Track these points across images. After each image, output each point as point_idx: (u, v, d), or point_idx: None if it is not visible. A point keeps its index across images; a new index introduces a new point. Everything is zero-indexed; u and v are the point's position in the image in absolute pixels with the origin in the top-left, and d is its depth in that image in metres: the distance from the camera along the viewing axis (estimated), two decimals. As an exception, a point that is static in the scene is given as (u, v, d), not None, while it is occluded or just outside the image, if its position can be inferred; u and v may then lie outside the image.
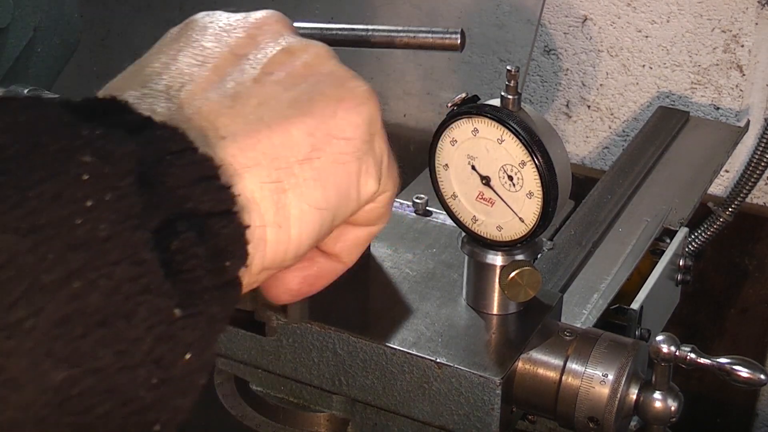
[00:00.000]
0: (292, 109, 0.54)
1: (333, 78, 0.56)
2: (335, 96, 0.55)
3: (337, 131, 0.55)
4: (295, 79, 0.55)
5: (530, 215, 0.85)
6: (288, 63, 0.56)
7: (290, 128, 0.53)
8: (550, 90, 1.62)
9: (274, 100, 0.54)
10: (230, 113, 0.52)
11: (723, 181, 1.56)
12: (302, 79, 0.56)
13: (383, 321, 0.89)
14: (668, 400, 0.84)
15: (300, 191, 0.52)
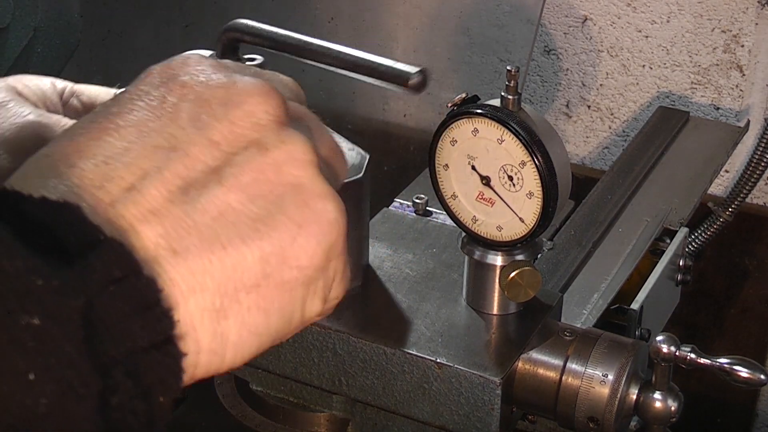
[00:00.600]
0: (251, 230, 0.51)
1: (300, 193, 0.53)
2: (298, 219, 0.52)
3: (292, 259, 0.52)
4: (261, 187, 0.52)
5: (530, 215, 0.85)
6: (258, 163, 0.52)
7: (245, 252, 0.50)
8: (550, 90, 1.62)
9: (234, 214, 0.50)
10: (188, 223, 0.49)
11: (723, 181, 1.56)
12: (268, 189, 0.52)
13: (383, 321, 0.89)
14: (668, 400, 0.84)
15: (242, 318, 0.50)
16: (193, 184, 0.50)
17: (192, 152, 0.51)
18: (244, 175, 0.51)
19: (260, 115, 0.53)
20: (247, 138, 0.52)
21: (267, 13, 1.66)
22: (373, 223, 1.01)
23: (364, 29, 0.96)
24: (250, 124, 0.53)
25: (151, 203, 0.49)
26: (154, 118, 0.52)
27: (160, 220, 0.49)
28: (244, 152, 0.52)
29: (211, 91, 0.53)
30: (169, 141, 0.51)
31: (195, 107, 0.52)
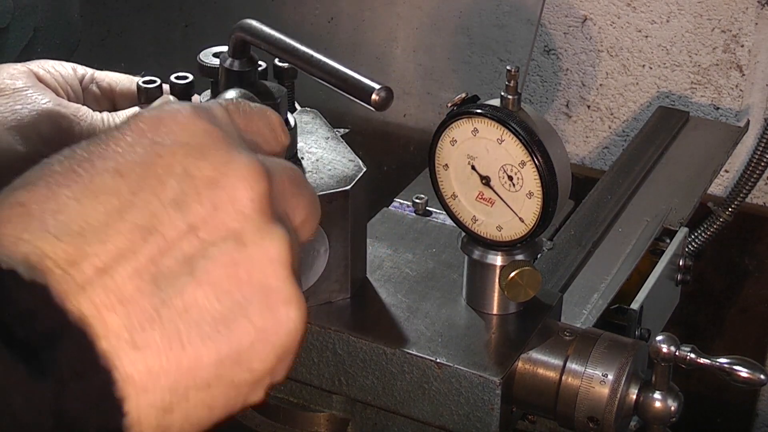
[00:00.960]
0: (212, 330, 0.50)
1: (267, 296, 0.52)
2: (260, 325, 0.52)
3: (246, 363, 0.52)
4: (230, 284, 0.51)
5: (530, 215, 0.85)
6: (233, 258, 0.51)
7: (203, 353, 0.50)
8: (550, 90, 1.62)
9: (199, 311, 0.50)
10: (153, 317, 0.49)
11: (723, 181, 1.56)
12: (237, 287, 0.51)
13: (383, 321, 0.89)
14: (668, 400, 0.84)
15: (186, 414, 0.51)
16: (165, 274, 0.50)
17: (169, 236, 0.50)
18: (217, 270, 0.51)
19: (245, 202, 0.52)
20: (227, 227, 0.52)
21: (268, 13, 1.66)
22: (373, 223, 1.01)
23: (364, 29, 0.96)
24: (233, 211, 0.52)
25: (121, 291, 0.49)
26: (138, 188, 0.51)
27: (126, 311, 0.48)
28: (221, 244, 0.51)
29: (199, 168, 0.52)
30: (150, 221, 0.50)
31: (180, 184, 0.51)
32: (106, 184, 0.50)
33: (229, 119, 0.56)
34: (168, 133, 0.53)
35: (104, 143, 0.52)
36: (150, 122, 0.53)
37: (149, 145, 0.52)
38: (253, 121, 0.58)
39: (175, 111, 0.54)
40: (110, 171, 0.51)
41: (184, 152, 0.52)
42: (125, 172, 0.51)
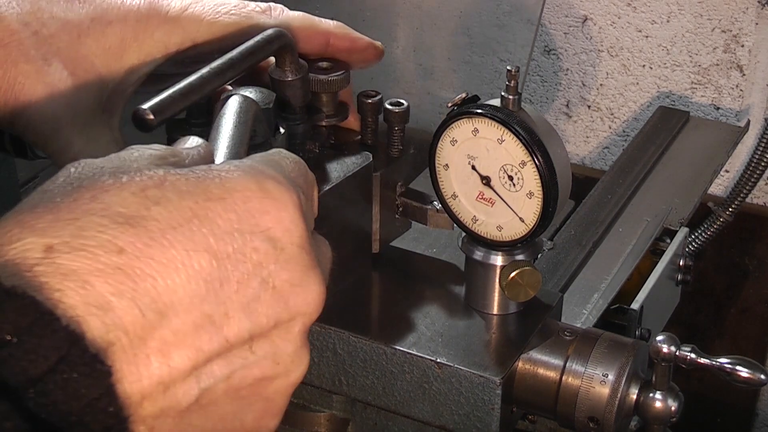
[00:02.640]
0: (213, 428, 0.54)
1: (266, 409, 0.56)
2: (252, 428, 0.56)
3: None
4: (249, 393, 0.55)
5: (530, 215, 0.85)
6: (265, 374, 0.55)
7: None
8: (550, 90, 1.62)
9: (214, 412, 0.54)
10: (180, 413, 0.52)
11: (723, 181, 1.56)
12: (253, 397, 0.55)
13: (383, 321, 0.90)
14: (668, 400, 0.84)
15: None
16: (208, 373, 0.52)
17: (231, 340, 0.53)
18: (248, 382, 0.54)
19: (299, 329, 0.57)
20: (275, 346, 0.55)
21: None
22: (373, 223, 1.01)
23: (364, 29, 0.96)
24: (286, 333, 0.56)
25: (169, 377, 0.51)
26: (225, 279, 0.53)
27: (164, 398, 0.51)
28: (263, 360, 0.55)
29: (281, 279, 0.55)
30: (221, 319, 0.52)
31: (259, 289, 0.54)
32: (202, 267, 0.52)
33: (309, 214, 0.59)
34: (269, 223, 0.55)
35: (209, 205, 0.53)
36: (257, 204, 0.54)
37: (248, 233, 0.54)
38: (313, 208, 0.62)
39: (283, 203, 0.55)
40: (209, 252, 0.52)
41: (275, 257, 0.54)
42: (220, 257, 0.52)
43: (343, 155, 0.90)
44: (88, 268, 0.49)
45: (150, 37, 0.84)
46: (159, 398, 0.50)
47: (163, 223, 0.51)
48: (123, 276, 0.49)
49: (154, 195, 0.52)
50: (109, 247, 0.50)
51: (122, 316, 0.49)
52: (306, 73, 0.88)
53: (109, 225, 0.50)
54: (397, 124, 0.92)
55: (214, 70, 0.76)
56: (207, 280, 0.52)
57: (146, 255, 0.50)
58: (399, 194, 0.94)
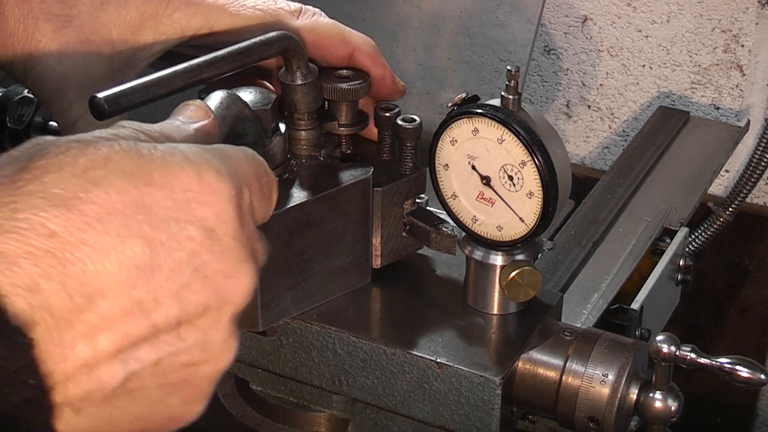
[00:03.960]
0: (139, 414, 0.55)
1: (191, 394, 0.58)
2: (172, 414, 0.57)
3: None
4: (176, 379, 0.56)
5: (530, 215, 0.85)
6: (192, 360, 0.56)
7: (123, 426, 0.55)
8: (550, 90, 1.62)
9: (141, 397, 0.55)
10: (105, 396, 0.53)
11: (723, 181, 1.56)
12: (180, 383, 0.56)
13: (383, 321, 0.89)
14: (668, 400, 0.84)
15: None
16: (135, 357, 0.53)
17: (158, 326, 0.54)
18: (175, 368, 0.56)
19: (228, 315, 0.57)
20: (204, 333, 0.56)
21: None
22: (373, 223, 1.01)
23: (363, 29, 0.96)
24: (215, 320, 0.57)
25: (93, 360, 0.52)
26: (156, 266, 0.54)
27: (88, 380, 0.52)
28: (191, 348, 0.56)
29: (214, 270, 0.56)
30: (150, 304, 0.53)
31: (191, 276, 0.55)
32: (135, 254, 0.53)
33: (250, 210, 0.60)
34: (205, 213, 0.56)
35: (147, 191, 0.54)
36: (195, 194, 0.55)
37: (184, 222, 0.55)
38: (264, 207, 0.62)
39: (220, 195, 0.56)
40: (142, 239, 0.53)
41: (209, 248, 0.55)
42: (154, 244, 0.53)
43: (346, 166, 0.89)
44: (17, 251, 0.49)
45: (169, 17, 0.85)
46: (83, 380, 0.51)
47: (99, 207, 0.52)
48: (53, 259, 0.50)
49: (95, 176, 0.53)
50: (41, 231, 0.50)
51: (49, 298, 0.50)
52: (315, 79, 0.87)
53: (43, 207, 0.51)
54: (409, 140, 0.91)
55: (190, 67, 0.75)
56: (138, 266, 0.52)
57: (78, 239, 0.51)
58: (408, 212, 0.93)
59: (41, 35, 0.82)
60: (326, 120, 0.91)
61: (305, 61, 0.86)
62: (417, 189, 0.93)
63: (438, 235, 0.91)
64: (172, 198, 0.54)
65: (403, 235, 0.93)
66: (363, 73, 0.91)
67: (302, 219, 0.84)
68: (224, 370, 0.58)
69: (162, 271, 0.53)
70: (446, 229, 0.91)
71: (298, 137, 0.89)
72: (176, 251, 0.54)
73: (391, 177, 0.91)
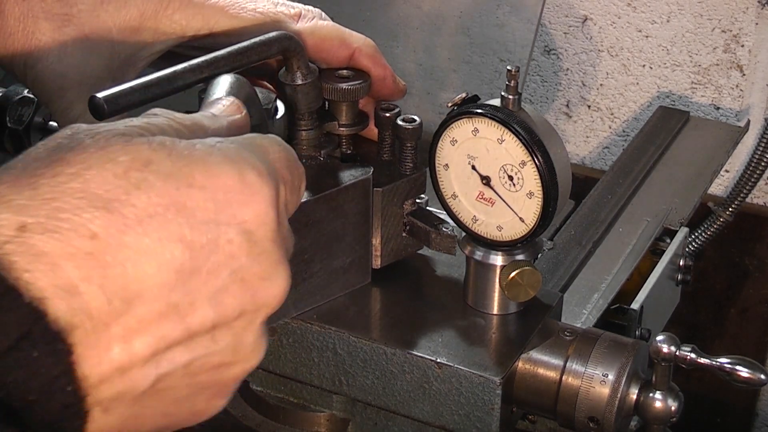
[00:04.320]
0: (165, 412, 0.55)
1: (216, 392, 0.58)
2: (197, 410, 0.57)
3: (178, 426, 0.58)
4: (204, 379, 0.56)
5: (530, 215, 0.85)
6: (222, 362, 0.56)
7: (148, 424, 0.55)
8: (550, 90, 1.62)
9: (170, 397, 0.55)
10: (135, 397, 0.53)
11: (723, 181, 1.56)
12: (207, 382, 0.56)
13: (383, 321, 0.89)
14: (668, 400, 0.84)
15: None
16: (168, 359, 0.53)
17: (193, 330, 0.54)
18: (205, 369, 0.56)
19: (259, 321, 0.57)
20: (235, 336, 0.56)
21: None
22: (373, 223, 1.01)
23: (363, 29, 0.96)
24: (247, 325, 0.56)
25: (129, 362, 0.52)
26: (195, 269, 0.53)
27: (122, 380, 0.52)
28: (222, 351, 0.56)
29: (251, 273, 0.55)
30: (186, 308, 0.53)
31: (227, 280, 0.55)
32: (174, 257, 0.52)
33: (285, 207, 0.59)
34: (245, 215, 0.55)
35: (189, 193, 0.53)
36: (236, 195, 0.55)
37: (224, 225, 0.54)
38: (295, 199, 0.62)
39: (262, 197, 0.56)
40: (182, 242, 0.53)
41: (248, 250, 0.55)
42: (194, 247, 0.53)
43: (346, 166, 0.89)
44: (59, 252, 0.49)
45: (169, 18, 0.85)
46: (117, 382, 0.51)
47: (140, 209, 0.51)
48: (93, 261, 0.50)
49: (137, 178, 0.52)
50: (83, 232, 0.50)
51: (89, 301, 0.49)
52: (315, 79, 0.87)
53: (85, 208, 0.50)
54: (409, 140, 0.91)
55: (190, 67, 0.75)
56: (178, 270, 0.52)
57: (119, 242, 0.50)
58: (408, 212, 0.93)
59: (41, 34, 0.82)
60: (326, 120, 0.91)
61: (305, 61, 0.86)
62: (417, 189, 0.93)
63: (438, 235, 0.91)
64: (213, 199, 0.54)
65: (403, 235, 0.93)
66: (363, 73, 0.91)
67: (302, 219, 0.84)
68: (252, 370, 0.59)
69: (200, 274, 0.53)
70: (446, 229, 0.91)
71: (298, 137, 0.89)
72: (215, 254, 0.53)
73: (391, 177, 0.91)
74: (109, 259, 0.50)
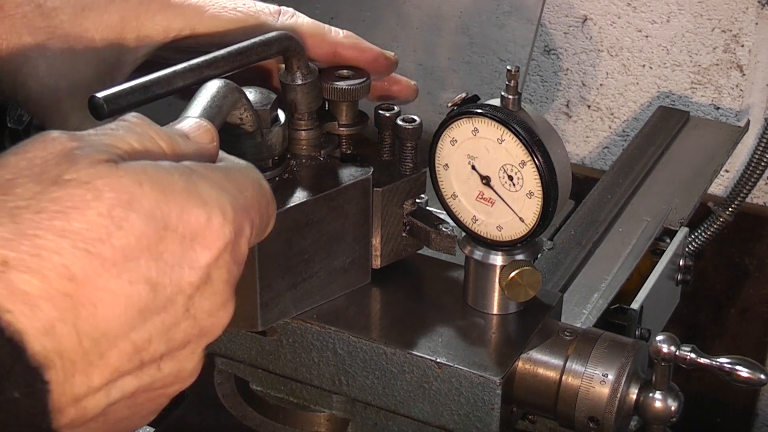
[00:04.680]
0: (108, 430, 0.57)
1: (158, 401, 0.60)
2: (136, 424, 0.60)
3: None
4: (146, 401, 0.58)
5: (530, 215, 0.85)
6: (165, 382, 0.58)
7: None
8: (550, 90, 1.62)
9: (112, 415, 0.56)
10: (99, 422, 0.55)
11: (723, 181, 1.56)
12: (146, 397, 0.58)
13: (383, 321, 0.89)
14: (668, 400, 0.84)
15: None
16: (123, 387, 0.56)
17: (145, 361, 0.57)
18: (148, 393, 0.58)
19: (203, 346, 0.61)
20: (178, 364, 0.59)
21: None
22: (373, 223, 1.01)
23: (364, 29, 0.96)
24: (191, 356, 0.59)
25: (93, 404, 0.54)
26: (156, 310, 0.56)
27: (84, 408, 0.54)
28: (166, 377, 0.58)
29: (202, 310, 0.59)
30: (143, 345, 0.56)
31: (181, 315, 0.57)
32: (140, 298, 0.54)
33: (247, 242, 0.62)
34: (206, 258, 0.58)
35: (165, 236, 0.55)
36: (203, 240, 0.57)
37: (188, 268, 0.57)
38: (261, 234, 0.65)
39: (225, 241, 0.58)
40: (149, 283, 0.55)
41: (202, 290, 0.58)
42: (158, 289, 0.55)
43: (346, 166, 0.89)
44: (38, 292, 0.50)
45: (150, 20, 0.85)
46: (71, 412, 0.53)
47: (118, 251, 0.53)
48: (70, 302, 0.51)
49: (119, 216, 0.54)
50: (63, 272, 0.51)
51: (62, 342, 0.51)
52: (315, 79, 0.87)
53: (67, 249, 0.51)
54: (409, 140, 0.90)
55: (190, 67, 0.75)
56: (141, 310, 0.54)
57: (93, 284, 0.52)
58: (408, 212, 0.93)
59: (27, 50, 0.81)
60: (326, 120, 0.91)
61: (305, 61, 0.86)
62: (417, 189, 0.93)
63: (438, 236, 0.91)
64: (182, 243, 0.56)
65: (403, 235, 0.93)
66: (363, 72, 0.91)
67: (302, 219, 0.84)
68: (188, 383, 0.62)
69: (159, 314, 0.56)
70: (446, 229, 0.91)
71: (298, 137, 0.89)
72: (176, 295, 0.56)
73: (391, 177, 0.91)
74: (83, 301, 0.52)
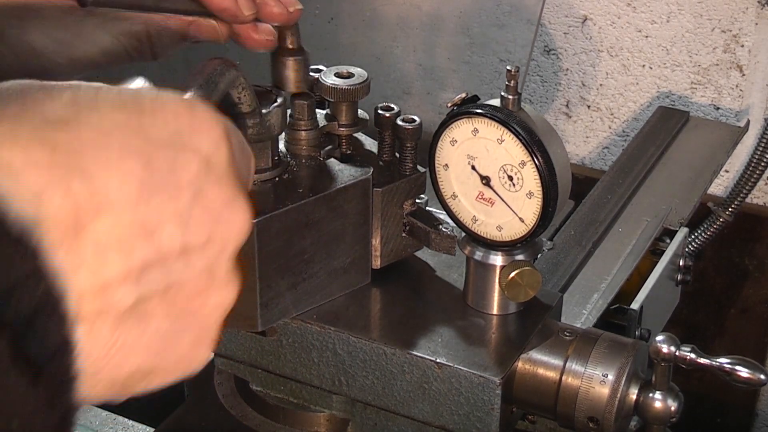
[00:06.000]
0: (150, 346, 0.55)
1: (199, 335, 0.57)
2: (181, 353, 0.57)
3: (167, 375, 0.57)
4: (186, 312, 0.56)
5: (530, 215, 0.85)
6: (199, 291, 0.56)
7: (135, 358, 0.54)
8: (550, 90, 1.62)
9: (151, 326, 0.54)
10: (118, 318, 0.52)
11: (723, 181, 1.56)
12: (190, 317, 0.56)
13: (383, 321, 0.89)
14: (668, 400, 0.84)
15: None
16: (144, 282, 0.53)
17: (164, 250, 0.53)
18: (183, 298, 0.55)
19: (231, 246, 0.57)
20: (209, 263, 0.56)
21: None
22: (373, 223, 1.01)
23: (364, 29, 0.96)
24: (219, 251, 0.56)
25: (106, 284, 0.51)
26: (158, 187, 0.53)
27: (102, 301, 0.51)
28: (198, 277, 0.55)
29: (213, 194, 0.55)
30: (155, 225, 0.53)
31: (192, 201, 0.54)
32: (135, 172, 0.52)
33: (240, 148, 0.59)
34: (200, 143, 0.55)
35: (142, 119, 0.53)
36: (188, 122, 0.55)
37: (180, 149, 0.54)
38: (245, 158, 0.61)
39: (214, 124, 0.56)
40: (142, 158, 0.52)
41: (206, 175, 0.55)
42: (153, 166, 0.52)
43: (346, 167, 0.89)
44: (21, 162, 0.49)
45: None
46: (97, 297, 0.50)
47: (95, 128, 0.51)
48: (57, 171, 0.49)
49: (87, 104, 0.52)
50: (44, 143, 0.50)
51: (55, 210, 0.49)
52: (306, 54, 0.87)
53: (42, 127, 0.50)
54: (408, 140, 0.91)
55: None
56: (140, 184, 0.52)
57: (80, 154, 0.50)
58: (407, 213, 0.93)
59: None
60: (326, 120, 0.91)
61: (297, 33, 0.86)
62: (417, 189, 0.93)
63: (438, 236, 0.91)
64: (165, 124, 0.54)
65: (402, 235, 0.93)
66: (363, 72, 0.91)
67: (302, 219, 0.84)
68: (229, 309, 0.58)
69: (162, 193, 0.53)
70: (446, 230, 0.91)
71: (298, 137, 0.89)
72: (175, 176, 0.53)
73: (390, 177, 0.91)
74: (72, 169, 0.50)
